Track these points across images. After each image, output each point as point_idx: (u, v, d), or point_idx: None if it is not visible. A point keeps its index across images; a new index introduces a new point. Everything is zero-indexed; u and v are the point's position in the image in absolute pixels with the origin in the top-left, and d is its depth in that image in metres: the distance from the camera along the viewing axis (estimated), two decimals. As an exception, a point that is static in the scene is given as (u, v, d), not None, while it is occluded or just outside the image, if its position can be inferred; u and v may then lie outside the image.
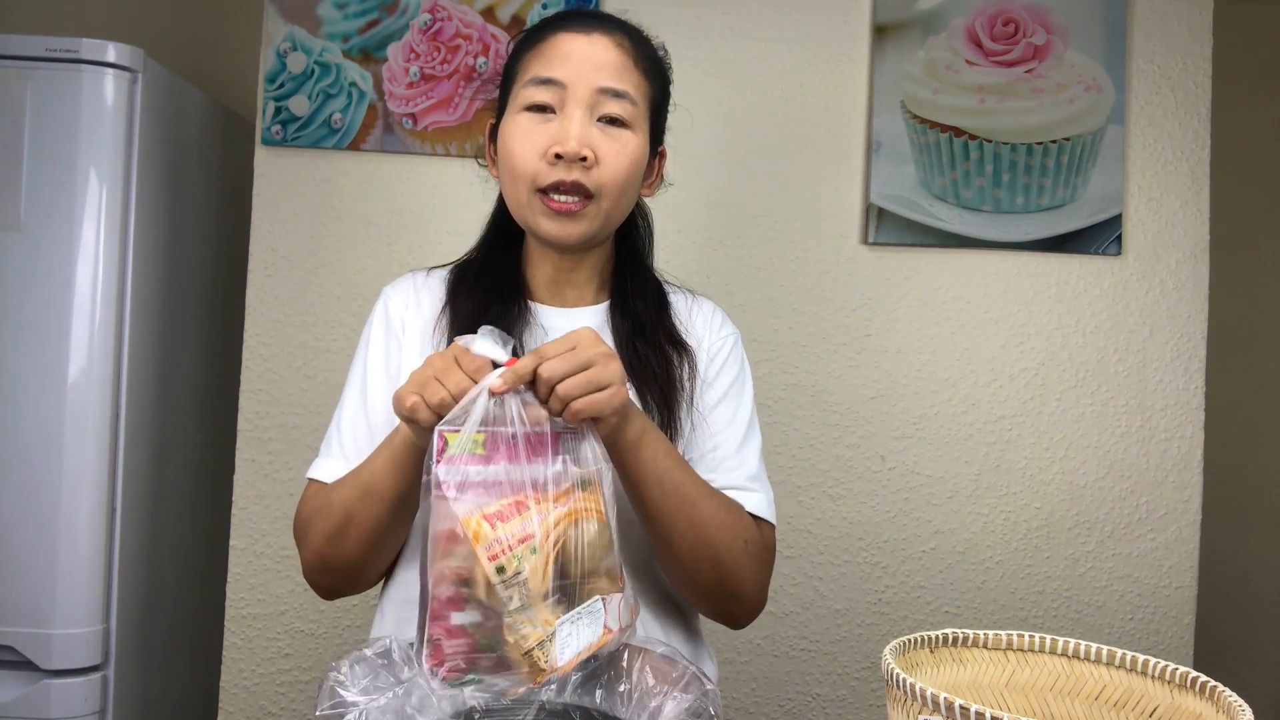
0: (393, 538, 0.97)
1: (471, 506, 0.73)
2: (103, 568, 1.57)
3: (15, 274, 1.53)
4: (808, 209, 1.78)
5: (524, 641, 0.73)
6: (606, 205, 0.99)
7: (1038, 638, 0.80)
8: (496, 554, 0.72)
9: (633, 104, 0.98)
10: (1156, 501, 1.78)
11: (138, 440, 1.65)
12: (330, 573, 0.97)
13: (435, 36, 1.74)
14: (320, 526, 0.95)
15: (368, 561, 0.97)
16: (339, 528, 0.93)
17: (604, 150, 0.96)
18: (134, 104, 1.59)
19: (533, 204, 0.98)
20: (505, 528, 0.73)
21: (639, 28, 1.04)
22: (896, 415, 1.78)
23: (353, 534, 0.93)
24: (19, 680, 1.52)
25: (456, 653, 0.72)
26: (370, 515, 0.91)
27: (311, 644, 1.74)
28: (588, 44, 0.97)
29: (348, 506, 0.93)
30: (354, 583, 1.00)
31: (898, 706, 0.68)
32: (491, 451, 0.76)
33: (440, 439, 0.74)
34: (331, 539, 0.94)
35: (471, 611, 0.72)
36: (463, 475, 0.74)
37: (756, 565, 0.99)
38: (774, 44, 1.78)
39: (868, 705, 1.77)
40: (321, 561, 0.96)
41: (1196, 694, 0.72)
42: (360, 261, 1.75)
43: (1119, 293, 1.79)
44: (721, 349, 1.09)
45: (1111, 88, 1.76)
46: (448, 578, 0.72)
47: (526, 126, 0.97)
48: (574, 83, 0.96)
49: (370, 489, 0.91)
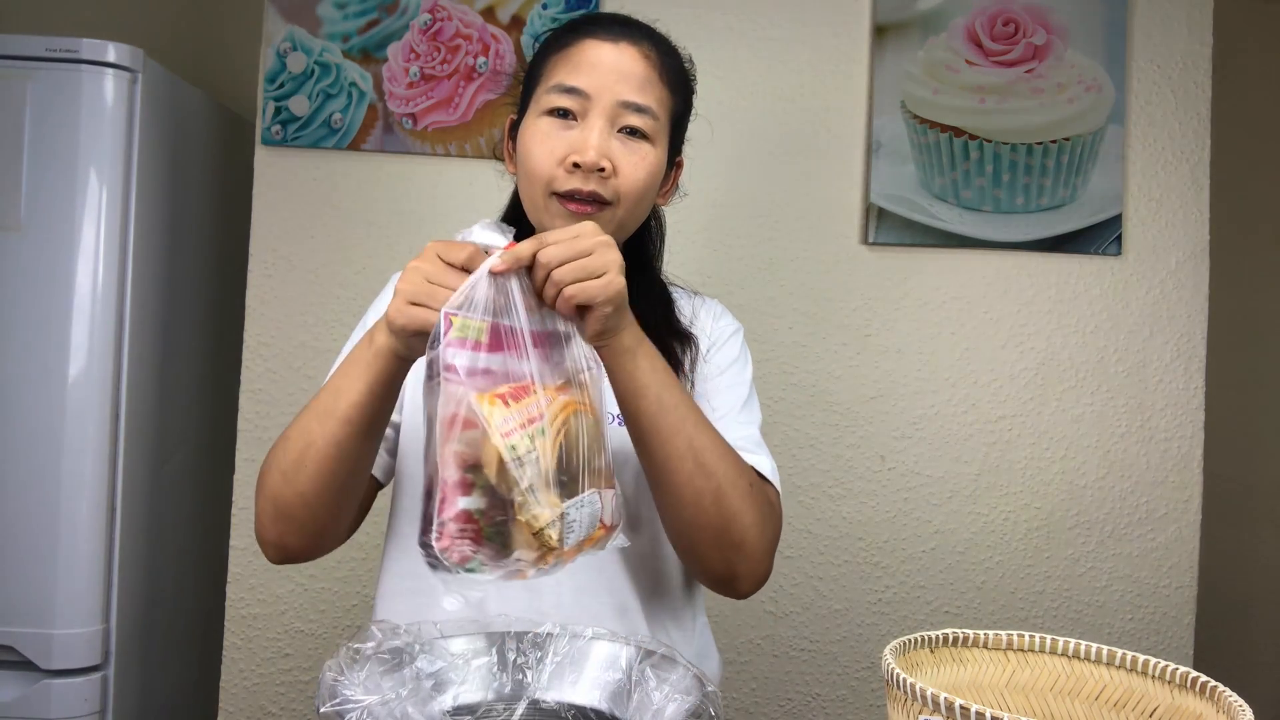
0: (353, 474, 0.89)
1: (484, 385, 0.73)
2: (103, 568, 1.57)
3: (15, 274, 1.53)
4: (808, 209, 1.78)
5: (535, 521, 0.72)
6: (622, 213, 0.99)
7: (1038, 638, 0.80)
8: (509, 431, 0.72)
9: (654, 118, 0.98)
10: (1156, 501, 1.78)
11: (138, 440, 1.65)
12: (282, 519, 0.90)
13: (435, 36, 1.74)
14: (274, 462, 0.89)
15: (323, 505, 0.89)
16: (295, 459, 0.87)
17: (622, 161, 0.97)
18: (134, 104, 1.59)
19: (549, 206, 0.98)
20: (516, 407, 0.73)
21: (667, 38, 1.04)
22: (896, 415, 1.78)
23: (310, 463, 0.86)
24: (19, 680, 1.52)
25: (464, 537, 0.71)
26: (330, 440, 0.85)
27: (311, 644, 1.74)
28: (615, 53, 0.97)
29: (306, 432, 0.87)
30: (306, 535, 0.91)
31: (898, 706, 0.68)
32: (493, 341, 0.76)
33: (446, 320, 0.74)
34: (286, 474, 0.88)
35: (478, 496, 0.72)
36: (469, 360, 0.73)
37: (761, 515, 0.93)
38: (774, 44, 1.78)
39: (868, 705, 1.77)
40: (274, 505, 0.89)
41: (1196, 694, 0.72)
42: (360, 261, 1.75)
43: (1119, 293, 1.79)
44: (722, 335, 1.10)
45: (1111, 88, 1.76)
46: (456, 461, 0.71)
47: (547, 131, 0.97)
48: (597, 93, 0.96)
49: (332, 411, 0.85)
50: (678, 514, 0.91)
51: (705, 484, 0.89)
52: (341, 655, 0.79)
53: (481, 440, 0.71)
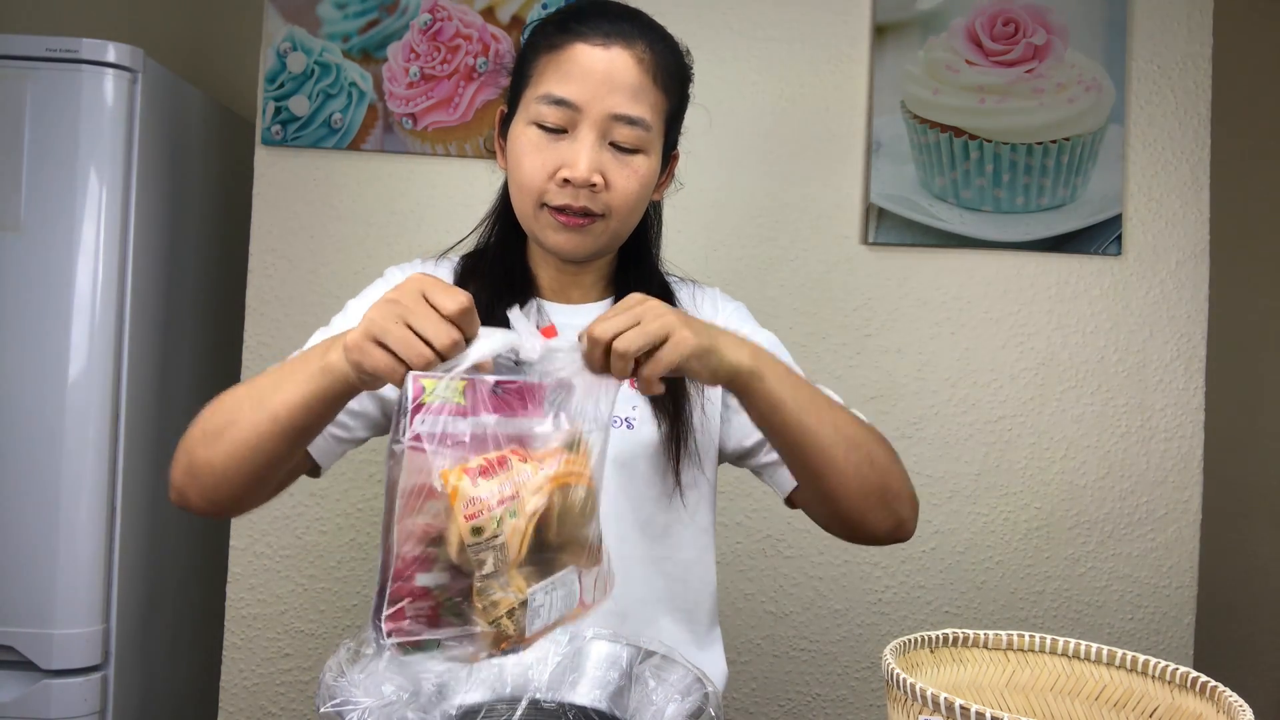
0: (269, 466, 0.87)
1: (451, 460, 0.66)
2: (103, 568, 1.57)
3: (15, 274, 1.53)
4: (808, 209, 1.78)
5: (493, 609, 0.67)
6: (615, 224, 0.98)
7: (1038, 638, 0.80)
8: (475, 513, 0.66)
9: (646, 129, 0.96)
10: (1156, 501, 1.78)
11: (138, 440, 1.65)
12: (189, 475, 0.89)
13: (435, 36, 1.74)
14: (201, 420, 0.88)
15: (230, 480, 0.87)
16: (216, 430, 0.86)
17: (614, 175, 0.95)
18: (134, 104, 1.59)
19: (539, 217, 0.97)
20: (487, 485, 0.67)
21: (662, 31, 1.00)
22: (896, 415, 1.78)
23: (227, 441, 0.85)
24: (19, 680, 1.52)
25: (419, 615, 0.66)
26: (253, 429, 0.84)
27: (311, 644, 1.74)
28: (606, 59, 0.94)
29: (235, 409, 0.86)
30: (207, 499, 0.90)
31: (898, 706, 0.68)
32: (473, 401, 0.68)
33: (416, 385, 0.66)
34: (205, 436, 0.87)
35: (439, 573, 0.66)
36: (440, 426, 0.66)
37: (897, 458, 0.97)
38: (774, 44, 1.78)
39: (868, 705, 1.77)
40: (187, 458, 0.88)
41: (1196, 694, 0.72)
42: (360, 261, 1.75)
43: (1119, 293, 1.79)
44: (732, 323, 1.09)
45: (1111, 88, 1.76)
46: (416, 535, 0.66)
47: (536, 143, 0.95)
48: (588, 105, 0.93)
49: (265, 402, 0.83)
50: (845, 492, 0.93)
51: (860, 456, 0.92)
52: (342, 655, 0.79)
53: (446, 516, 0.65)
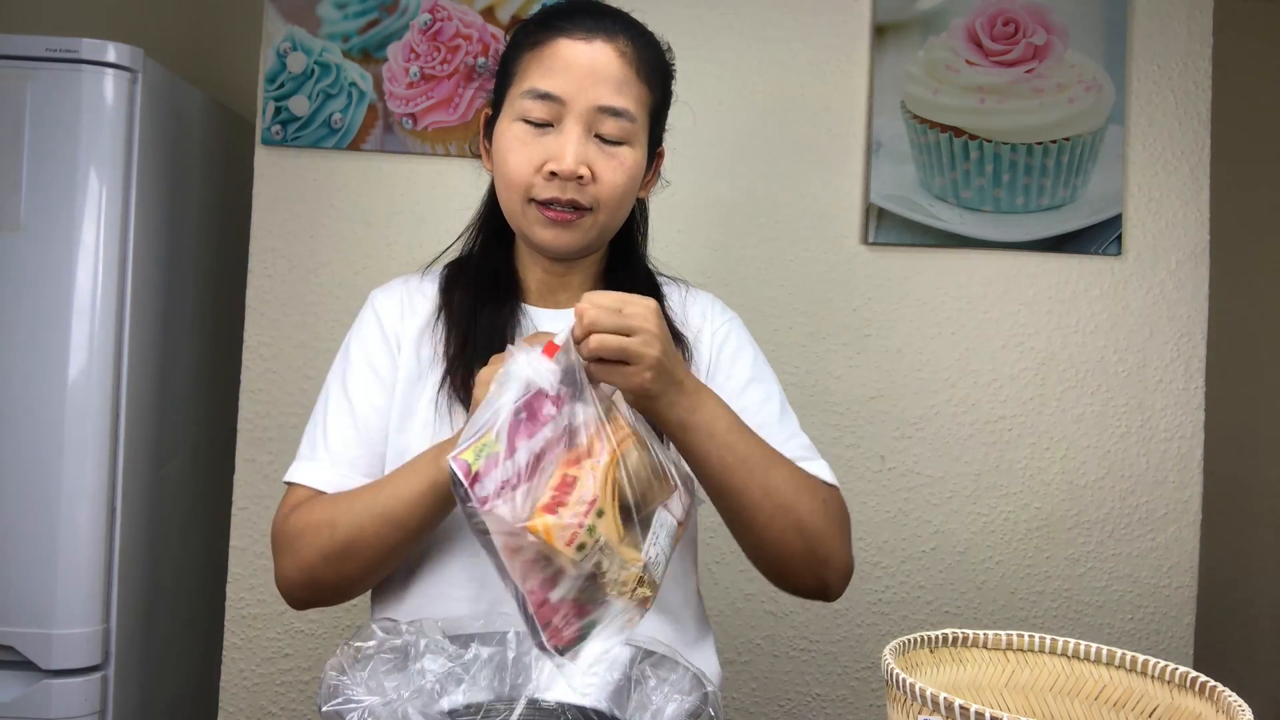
0: (399, 562, 0.94)
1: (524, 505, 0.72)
2: (103, 568, 1.57)
3: (15, 274, 1.53)
4: (808, 209, 1.78)
5: (624, 586, 0.75)
6: (603, 218, 0.98)
7: (1038, 638, 0.80)
8: (571, 538, 0.72)
9: (631, 120, 0.96)
10: (1156, 501, 1.78)
11: (138, 440, 1.65)
12: (318, 590, 0.94)
13: (435, 36, 1.74)
14: (317, 543, 0.91)
15: (367, 583, 0.95)
16: (343, 550, 0.90)
17: (600, 167, 0.95)
18: (134, 104, 1.59)
19: (527, 213, 0.97)
20: (568, 510, 0.73)
21: (643, 27, 1.01)
22: (896, 415, 1.78)
23: (358, 558, 0.90)
24: (19, 680, 1.52)
25: (567, 618, 0.74)
26: (384, 543, 0.89)
27: (311, 644, 1.74)
28: (589, 53, 0.94)
29: (359, 529, 0.89)
30: (339, 599, 0.96)
31: (898, 706, 0.68)
32: (508, 439, 0.74)
33: (460, 464, 0.73)
34: (330, 559, 0.91)
35: (564, 582, 0.73)
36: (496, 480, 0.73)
37: (839, 526, 0.97)
38: (774, 44, 1.78)
39: (868, 705, 1.77)
40: (310, 579, 0.93)
41: (1196, 694, 0.72)
42: (360, 261, 1.75)
43: (1119, 293, 1.79)
44: (729, 336, 1.09)
45: (1111, 88, 1.76)
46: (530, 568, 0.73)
47: (522, 137, 0.95)
48: (572, 98, 0.94)
49: (391, 517, 0.88)
50: (763, 550, 0.94)
51: (786, 519, 0.91)
52: (343, 654, 0.79)
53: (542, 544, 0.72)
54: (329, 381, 1.04)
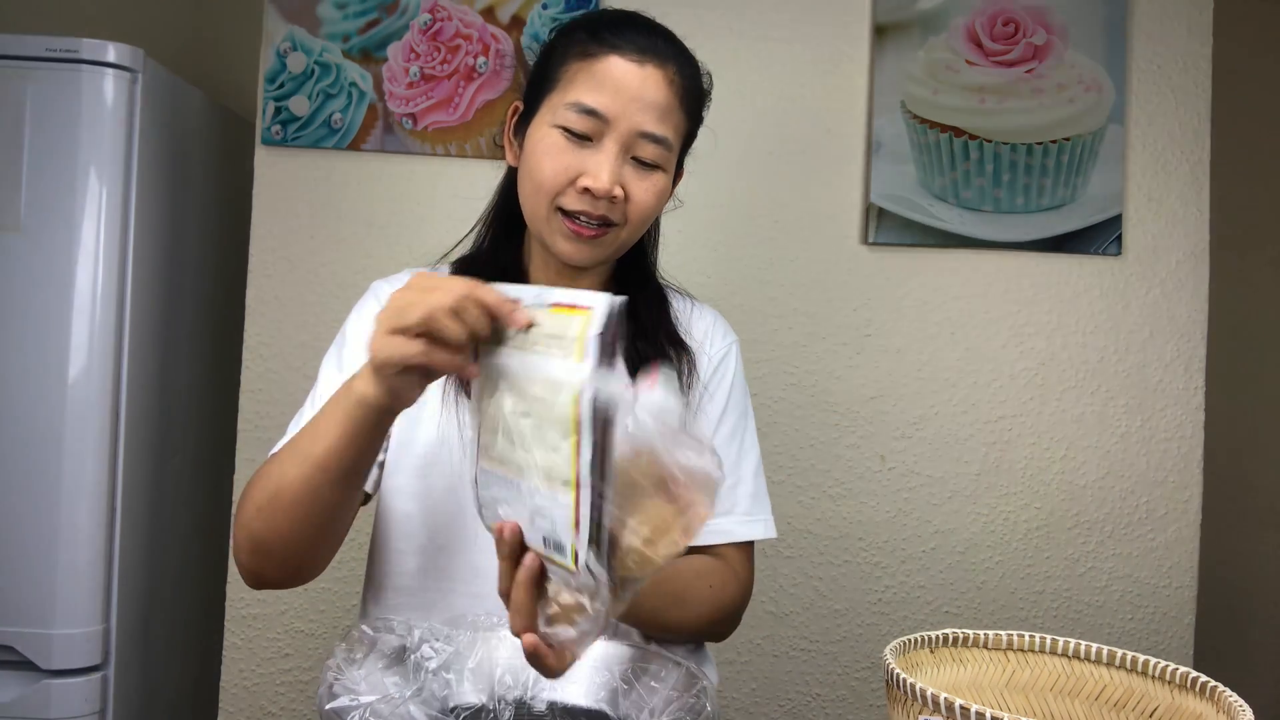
0: (331, 519, 0.87)
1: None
2: (103, 568, 1.57)
3: (15, 274, 1.53)
4: (808, 209, 1.78)
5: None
6: (625, 235, 1.00)
7: (1038, 638, 0.80)
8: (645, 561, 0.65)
9: (669, 149, 0.98)
10: (1156, 501, 1.78)
11: (138, 440, 1.65)
12: (258, 552, 0.88)
13: (435, 36, 1.74)
14: (252, 496, 0.87)
15: (299, 542, 0.87)
16: (272, 497, 0.84)
17: (634, 188, 0.97)
18: (134, 104, 1.59)
19: (551, 220, 0.97)
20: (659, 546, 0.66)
21: (690, 55, 1.01)
22: (896, 415, 1.78)
23: (284, 504, 0.84)
24: (19, 680, 1.52)
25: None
26: (307, 485, 0.82)
27: (311, 644, 1.74)
28: (640, 77, 0.95)
29: (283, 474, 0.84)
30: (283, 569, 0.90)
31: (898, 706, 0.68)
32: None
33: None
34: (262, 510, 0.85)
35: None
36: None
37: (738, 607, 1.04)
38: (774, 44, 1.78)
39: (868, 705, 1.77)
40: (248, 535, 0.87)
41: (1196, 694, 0.72)
42: (360, 261, 1.75)
43: (1119, 293, 1.79)
44: (724, 360, 1.10)
45: (1111, 88, 1.76)
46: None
47: (560, 145, 0.95)
48: (617, 119, 0.94)
49: (309, 455, 0.82)
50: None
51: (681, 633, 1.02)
52: (343, 653, 0.79)
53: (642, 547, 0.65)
54: (323, 364, 1.04)
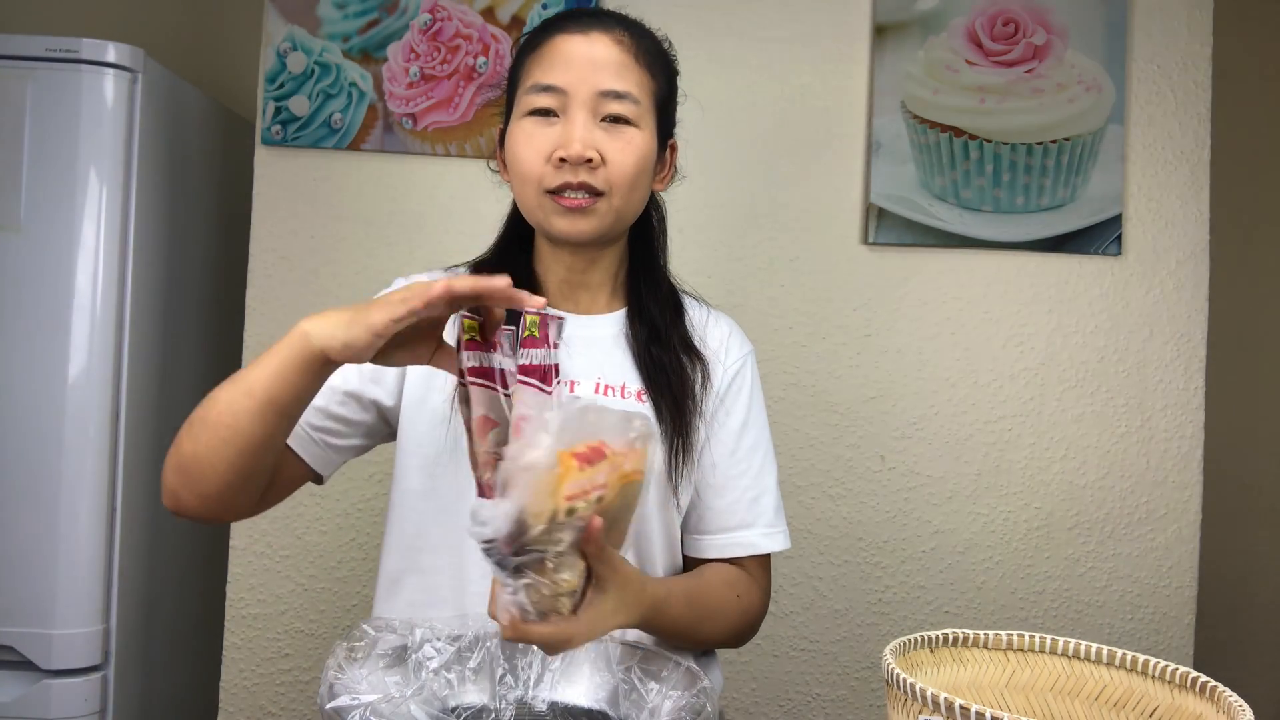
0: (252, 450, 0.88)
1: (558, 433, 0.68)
2: (103, 568, 1.57)
3: (15, 274, 1.53)
4: (808, 209, 1.78)
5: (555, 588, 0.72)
6: (617, 202, 0.99)
7: (1038, 638, 0.80)
8: (574, 495, 0.69)
9: (635, 102, 0.98)
10: (1156, 501, 1.78)
11: (138, 440, 1.65)
12: (179, 470, 0.90)
13: (435, 36, 1.74)
14: (189, 417, 0.91)
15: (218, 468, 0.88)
16: (200, 417, 0.88)
17: (609, 149, 0.97)
18: (134, 104, 1.59)
19: (543, 204, 0.98)
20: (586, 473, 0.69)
21: (639, 21, 1.04)
22: (896, 415, 1.78)
23: (209, 425, 0.87)
24: (19, 680, 1.52)
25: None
26: (231, 409, 0.86)
27: (311, 644, 1.74)
28: (586, 44, 0.98)
29: (214, 398, 0.88)
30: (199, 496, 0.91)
31: (898, 706, 0.68)
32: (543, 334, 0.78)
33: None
34: (191, 425, 0.89)
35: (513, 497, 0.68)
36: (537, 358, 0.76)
37: (760, 614, 1.08)
38: (774, 44, 1.78)
39: (868, 705, 1.77)
40: (176, 454, 0.90)
41: (1196, 694, 0.72)
42: (360, 261, 1.75)
43: (1119, 293, 1.79)
44: (740, 371, 1.10)
45: (1111, 88, 1.76)
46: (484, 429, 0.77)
47: (530, 131, 0.98)
48: (575, 87, 0.96)
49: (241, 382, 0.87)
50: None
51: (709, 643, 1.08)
52: (343, 653, 0.79)
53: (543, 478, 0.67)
54: None
